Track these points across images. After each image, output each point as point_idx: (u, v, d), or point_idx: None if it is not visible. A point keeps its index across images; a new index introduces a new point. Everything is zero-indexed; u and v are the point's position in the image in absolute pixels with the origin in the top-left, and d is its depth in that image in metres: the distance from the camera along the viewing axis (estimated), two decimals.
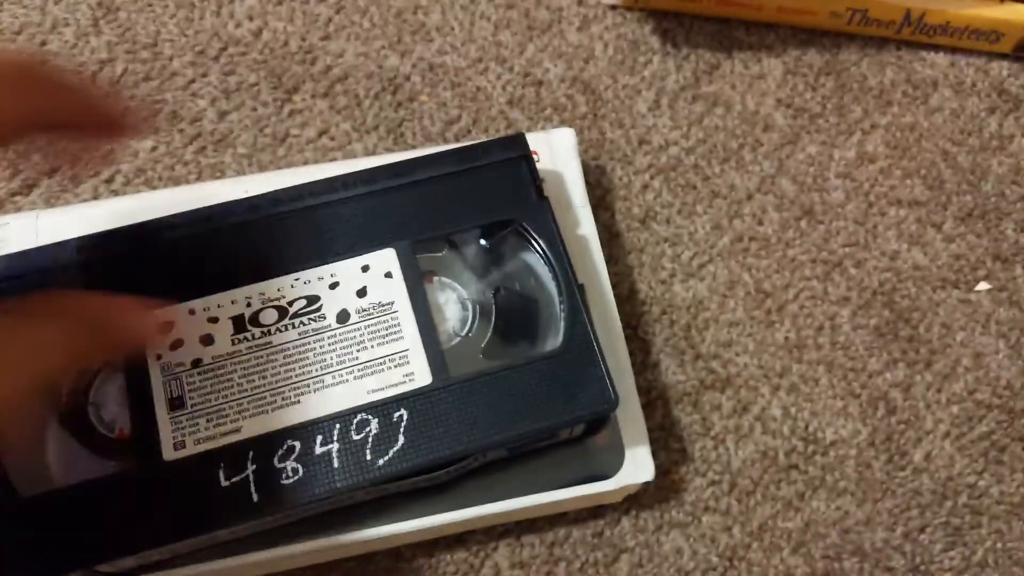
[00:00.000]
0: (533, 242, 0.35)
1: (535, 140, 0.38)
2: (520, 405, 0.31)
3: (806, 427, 0.38)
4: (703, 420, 0.38)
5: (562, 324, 0.33)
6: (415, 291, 0.33)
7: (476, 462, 0.33)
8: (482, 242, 0.36)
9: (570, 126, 0.43)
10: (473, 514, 0.33)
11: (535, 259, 0.35)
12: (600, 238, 0.38)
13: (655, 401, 0.38)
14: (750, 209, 0.42)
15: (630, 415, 0.35)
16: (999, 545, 0.37)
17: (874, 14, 0.44)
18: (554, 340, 0.34)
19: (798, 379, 0.39)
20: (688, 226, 0.42)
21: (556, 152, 0.39)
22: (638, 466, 0.34)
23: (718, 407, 0.38)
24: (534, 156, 0.36)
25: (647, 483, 0.34)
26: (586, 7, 0.46)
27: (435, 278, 0.35)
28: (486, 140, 0.36)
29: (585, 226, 0.38)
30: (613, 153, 0.43)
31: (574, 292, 0.33)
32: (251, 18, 0.46)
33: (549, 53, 0.45)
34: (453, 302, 0.35)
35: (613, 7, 0.46)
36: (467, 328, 0.35)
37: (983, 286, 0.41)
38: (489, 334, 0.35)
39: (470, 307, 0.35)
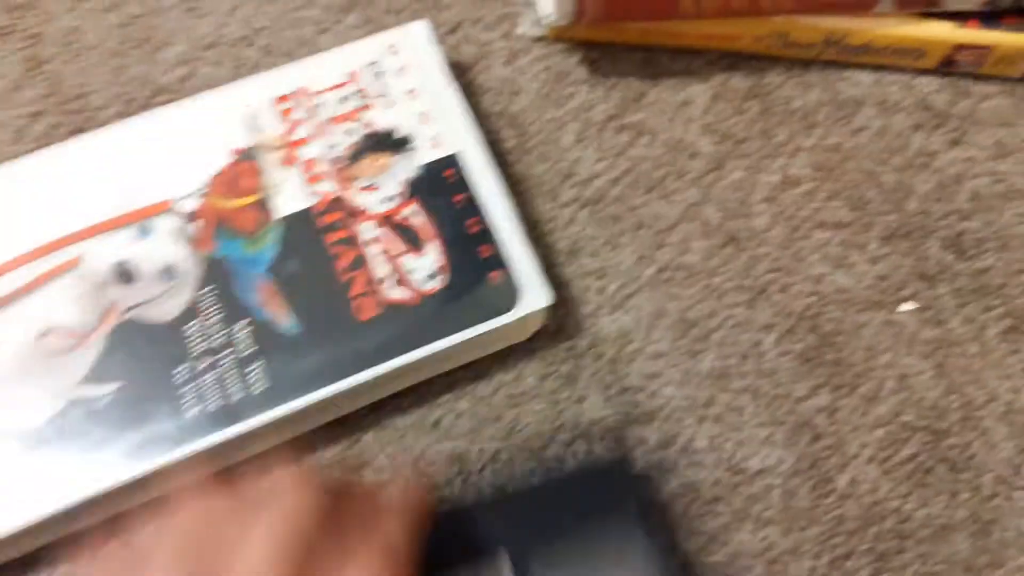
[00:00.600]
0: None
1: (392, 36, 0.42)
2: None
3: (731, 457, 0.39)
4: (627, 456, 0.38)
5: None
6: None
7: None
8: None
9: (496, 162, 0.43)
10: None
11: None
12: (537, 270, 0.38)
13: (577, 439, 0.38)
14: (675, 238, 0.42)
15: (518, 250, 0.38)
16: (924, 569, 0.37)
17: (796, 37, 0.44)
18: None
19: (724, 409, 0.39)
20: (614, 258, 0.42)
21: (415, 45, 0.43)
22: (535, 295, 0.37)
23: (643, 441, 0.39)
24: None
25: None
26: (512, 41, 0.47)
27: None
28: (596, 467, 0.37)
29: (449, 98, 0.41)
30: (540, 186, 0.43)
31: None
32: (179, 65, 0.46)
33: (477, 89, 0.45)
34: None
35: (539, 39, 0.47)
36: None
37: (907, 306, 0.41)
38: None
39: None
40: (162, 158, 0.40)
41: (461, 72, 0.45)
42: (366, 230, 0.39)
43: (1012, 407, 0.39)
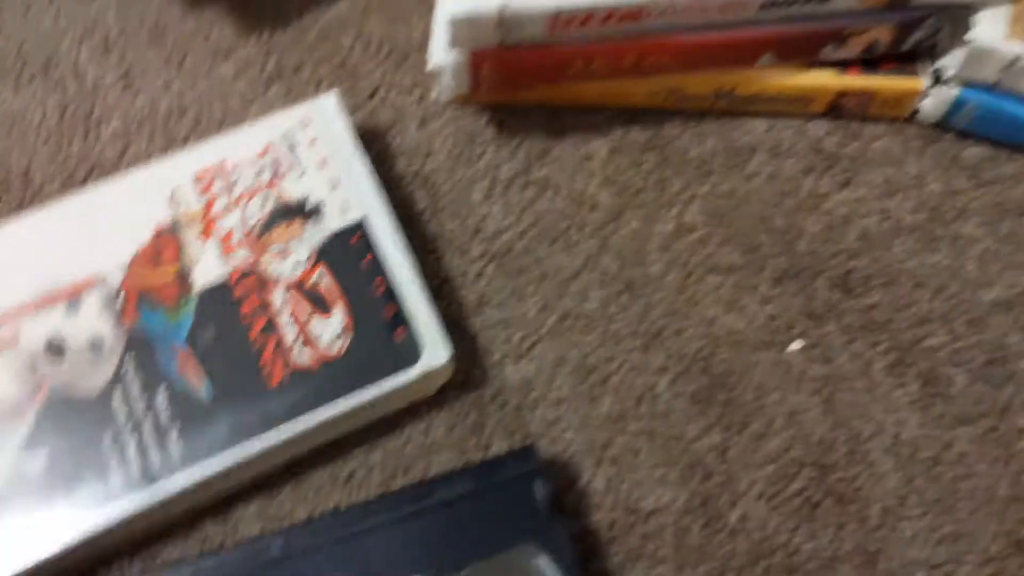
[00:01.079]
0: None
1: (304, 109, 0.45)
2: None
3: (627, 498, 0.41)
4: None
5: None
6: None
7: None
8: None
9: (410, 222, 0.46)
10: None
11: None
12: (438, 327, 0.41)
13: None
14: (576, 287, 0.45)
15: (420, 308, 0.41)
16: None
17: (688, 91, 0.46)
18: None
19: (620, 451, 0.41)
20: (519, 308, 0.44)
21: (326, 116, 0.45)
22: (436, 351, 0.40)
23: (551, 484, 0.41)
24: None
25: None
26: (426, 104, 0.49)
27: None
28: (499, 456, 0.39)
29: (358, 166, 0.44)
30: (451, 243, 0.46)
31: None
32: (115, 140, 0.49)
33: (392, 151, 0.48)
34: None
35: (451, 103, 0.49)
36: None
37: (796, 345, 0.43)
38: None
39: None
40: (92, 234, 0.43)
41: (378, 136, 0.48)
42: (277, 296, 0.41)
43: (898, 439, 0.41)
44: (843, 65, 0.45)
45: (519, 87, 0.45)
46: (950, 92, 0.45)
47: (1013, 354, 0.43)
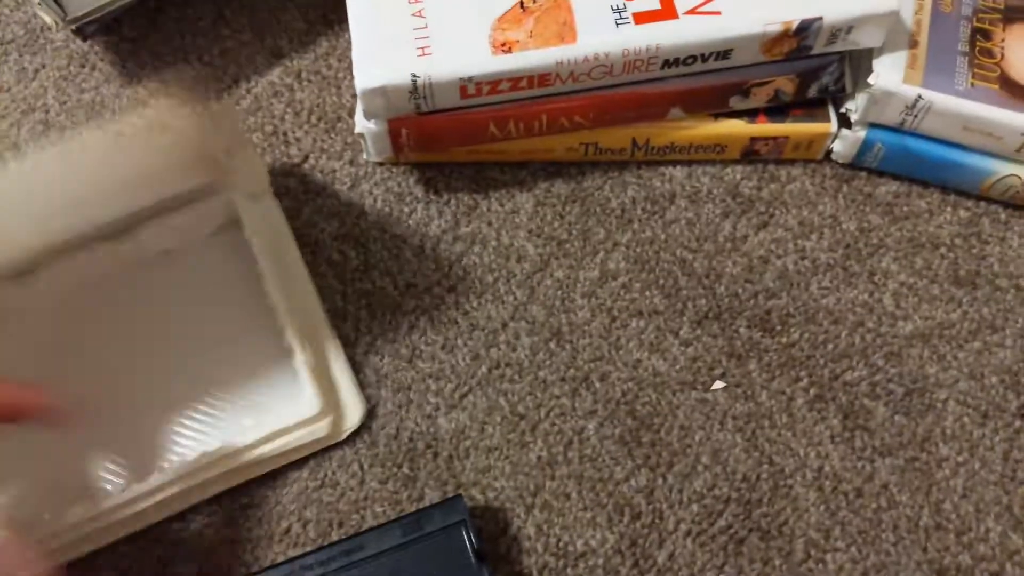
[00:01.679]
0: None
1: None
2: None
3: (558, 542, 0.42)
4: None
5: None
6: None
7: None
8: None
9: (342, 280, 0.47)
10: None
11: None
12: (370, 379, 0.43)
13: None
14: (504, 337, 0.46)
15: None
16: None
17: (604, 144, 0.48)
18: None
19: (550, 496, 0.42)
20: (450, 360, 0.46)
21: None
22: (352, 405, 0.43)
23: (479, 533, 0.42)
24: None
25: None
26: (356, 166, 0.51)
27: None
28: (427, 507, 0.40)
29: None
30: (384, 300, 0.47)
31: None
32: None
33: (323, 214, 0.50)
34: None
35: (380, 164, 0.51)
36: None
37: (719, 385, 0.45)
38: None
39: None
40: None
41: (310, 199, 0.50)
42: None
43: (821, 473, 0.43)
44: (752, 114, 0.48)
45: (438, 150, 0.47)
46: (857, 134, 0.47)
47: (931, 385, 0.44)
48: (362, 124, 0.46)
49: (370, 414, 0.44)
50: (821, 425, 0.43)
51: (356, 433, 0.43)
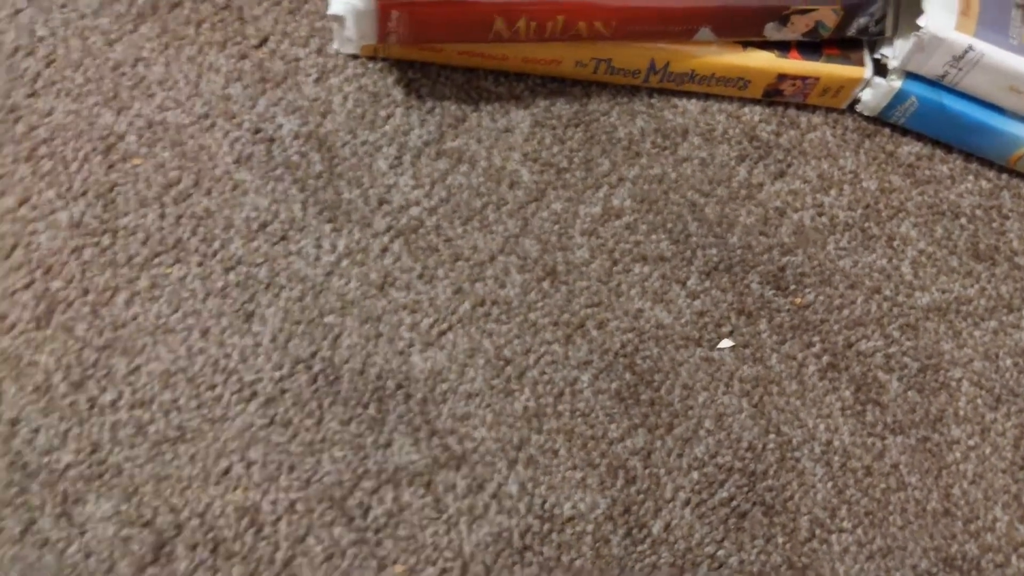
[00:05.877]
0: None
1: None
2: None
3: (543, 503, 0.40)
4: (436, 502, 0.39)
5: None
6: None
7: None
8: None
9: (302, 187, 0.43)
10: None
11: None
12: (332, 303, 0.39)
13: (383, 486, 0.39)
14: (492, 271, 0.44)
15: None
16: None
17: (618, 63, 0.46)
18: None
19: (536, 451, 0.41)
20: (428, 291, 0.43)
21: None
22: None
23: (452, 487, 0.39)
24: None
25: None
26: (325, 57, 0.47)
27: None
28: None
29: None
30: (350, 214, 0.44)
31: None
32: None
33: (283, 107, 0.46)
34: None
35: (354, 57, 0.47)
36: None
37: (726, 343, 0.44)
38: None
39: None
40: None
41: (268, 88, 0.46)
42: None
43: (830, 447, 0.42)
44: (783, 48, 0.46)
45: (433, 41, 0.44)
46: (892, 84, 0.46)
47: (946, 362, 0.45)
48: (342, 3, 0.42)
49: (332, 344, 0.41)
50: (832, 396, 0.43)
51: (312, 364, 0.40)
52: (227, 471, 0.39)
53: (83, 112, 0.44)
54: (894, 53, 0.46)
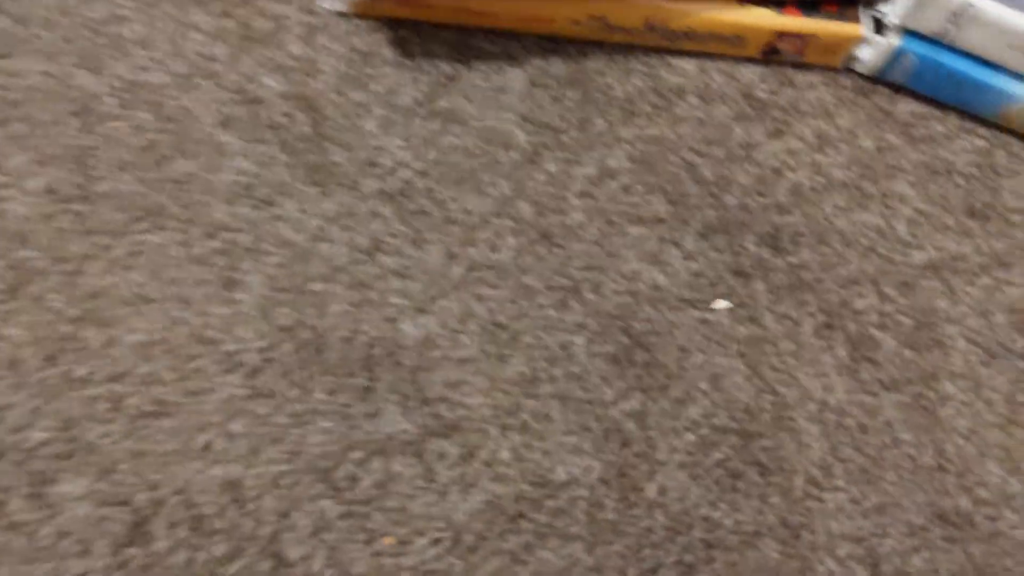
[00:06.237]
0: None
1: None
2: None
3: (537, 468, 0.40)
4: (427, 472, 0.39)
5: None
6: None
7: None
8: None
9: (287, 149, 0.43)
10: None
11: None
12: (318, 269, 0.39)
13: (372, 456, 0.39)
14: (485, 235, 0.43)
15: None
16: None
17: (614, 20, 0.45)
18: None
19: (530, 416, 0.40)
20: (419, 256, 0.42)
21: None
22: None
23: (443, 456, 0.39)
24: None
25: None
26: (312, 15, 0.46)
27: None
28: None
29: None
30: (337, 176, 0.43)
31: None
32: None
33: (268, 67, 0.45)
34: None
35: (342, 14, 0.46)
36: None
37: (721, 304, 0.43)
38: None
39: None
40: None
41: (251, 46, 0.45)
42: None
43: (825, 406, 0.42)
44: (781, 4, 0.46)
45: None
46: (891, 42, 0.46)
47: (941, 320, 0.45)
48: None
49: (319, 311, 0.40)
50: (828, 354, 0.43)
51: (297, 333, 0.40)
52: (208, 445, 0.38)
53: (57, 73, 0.43)
54: (894, 10, 0.45)
